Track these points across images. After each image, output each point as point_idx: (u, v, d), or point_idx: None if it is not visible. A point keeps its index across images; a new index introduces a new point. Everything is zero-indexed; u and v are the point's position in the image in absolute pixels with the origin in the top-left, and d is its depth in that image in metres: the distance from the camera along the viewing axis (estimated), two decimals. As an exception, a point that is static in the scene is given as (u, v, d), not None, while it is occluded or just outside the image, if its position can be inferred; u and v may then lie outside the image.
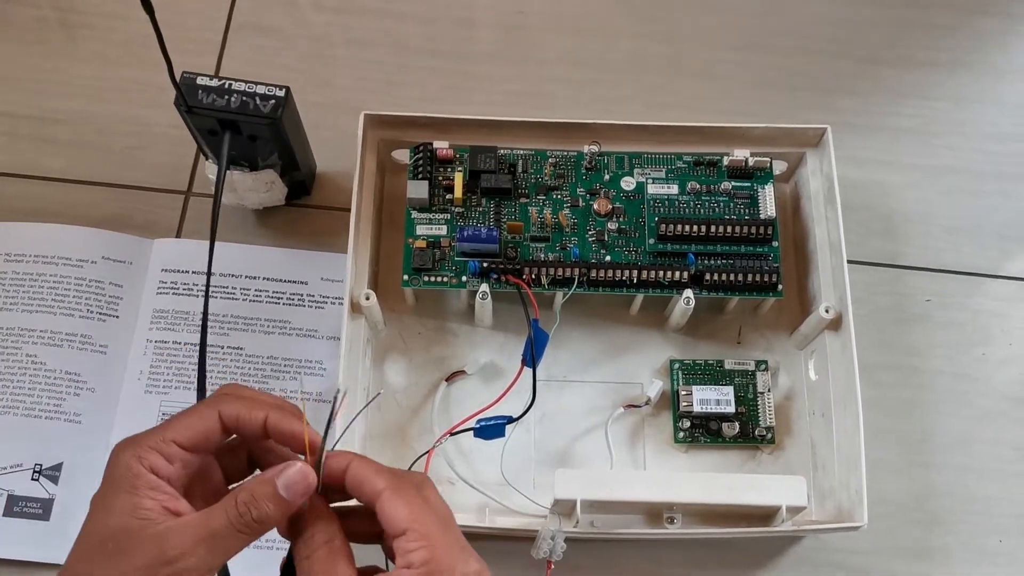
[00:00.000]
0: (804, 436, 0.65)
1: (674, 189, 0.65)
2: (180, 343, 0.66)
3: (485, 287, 0.62)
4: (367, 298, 0.61)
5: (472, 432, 0.60)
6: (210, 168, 0.65)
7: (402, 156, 0.66)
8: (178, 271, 0.68)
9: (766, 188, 0.65)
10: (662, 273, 0.62)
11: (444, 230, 0.64)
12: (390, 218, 0.68)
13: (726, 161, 0.66)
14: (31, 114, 0.73)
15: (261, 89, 0.60)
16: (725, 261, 0.64)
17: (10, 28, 0.76)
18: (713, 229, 0.63)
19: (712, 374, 0.65)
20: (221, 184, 0.60)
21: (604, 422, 0.64)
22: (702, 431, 0.64)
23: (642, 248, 0.64)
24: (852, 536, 0.60)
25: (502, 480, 0.60)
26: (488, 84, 0.76)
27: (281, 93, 0.60)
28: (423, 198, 0.64)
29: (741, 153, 0.65)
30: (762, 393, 0.65)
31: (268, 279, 0.68)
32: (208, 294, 0.57)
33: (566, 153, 0.66)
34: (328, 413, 0.42)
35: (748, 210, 0.65)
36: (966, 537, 0.64)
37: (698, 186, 0.65)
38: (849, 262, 0.63)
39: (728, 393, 0.64)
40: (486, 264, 0.62)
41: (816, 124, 0.66)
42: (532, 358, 0.60)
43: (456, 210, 0.64)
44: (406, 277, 0.63)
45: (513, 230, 0.64)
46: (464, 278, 0.63)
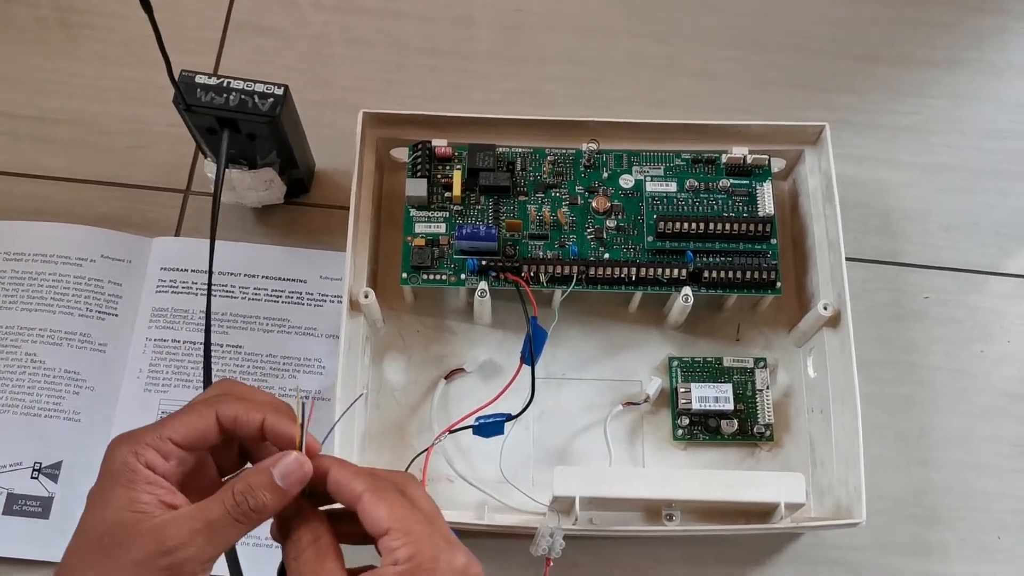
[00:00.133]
0: (803, 433, 0.65)
1: (672, 187, 0.65)
2: (179, 341, 0.66)
3: (484, 285, 0.62)
4: (366, 296, 0.61)
5: (471, 430, 0.60)
6: (209, 167, 0.65)
7: (401, 154, 0.66)
8: (177, 269, 0.68)
9: (764, 185, 0.65)
10: (661, 271, 0.63)
11: (443, 228, 0.64)
12: (389, 216, 0.68)
13: (724, 159, 0.66)
14: (31, 113, 0.73)
15: (260, 87, 0.60)
16: (724, 259, 0.64)
17: (10, 28, 0.76)
18: (712, 227, 0.63)
19: (711, 371, 0.65)
20: (220, 182, 0.60)
21: (603, 419, 0.64)
22: (701, 428, 0.64)
23: (641, 246, 0.64)
24: (851, 533, 0.61)
25: (501, 478, 0.60)
26: (487, 83, 0.76)
27: (280, 91, 0.60)
28: (422, 196, 0.64)
29: (739, 151, 0.65)
30: (761, 390, 0.65)
31: (267, 277, 0.69)
32: (210, 293, 0.57)
33: (565, 151, 0.66)
34: (303, 416, 0.41)
35: (746, 207, 0.65)
36: (965, 533, 0.64)
37: (696, 184, 0.65)
38: (847, 259, 0.63)
39: (727, 390, 0.64)
40: (485, 262, 0.62)
41: (814, 122, 0.66)
42: (531, 356, 0.60)
43: (455, 208, 0.64)
44: (405, 275, 0.63)
45: (512, 228, 0.64)
46: (463, 276, 0.63)
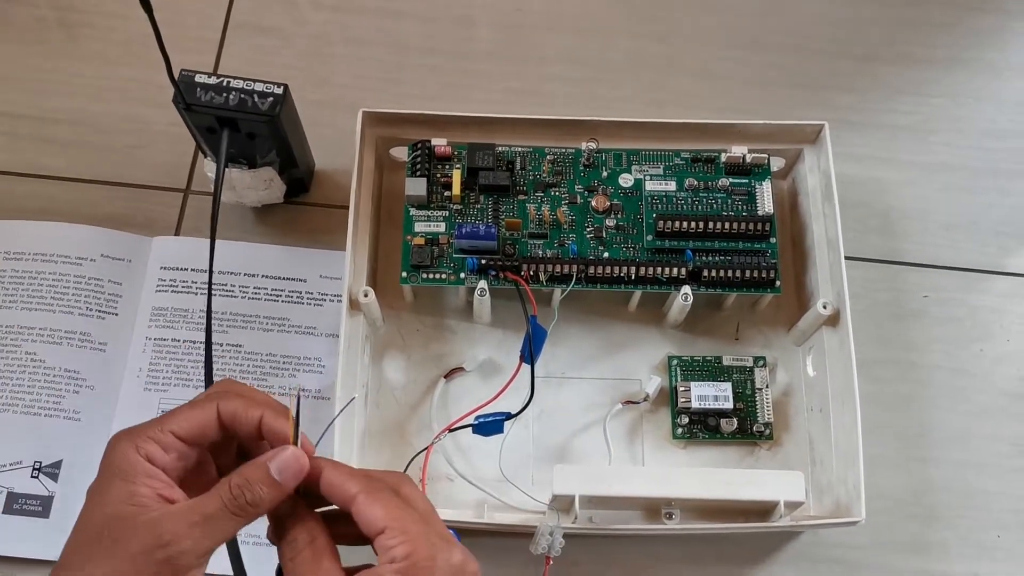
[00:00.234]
0: (802, 432, 0.65)
1: (672, 186, 0.65)
2: (179, 340, 0.66)
3: (483, 284, 0.62)
4: (366, 295, 0.61)
5: (471, 429, 0.60)
6: (209, 166, 0.65)
7: (400, 153, 0.67)
8: (177, 269, 0.68)
9: (764, 184, 0.65)
10: (660, 269, 0.63)
11: (442, 227, 0.64)
12: (389, 215, 0.68)
13: (724, 158, 0.66)
14: (31, 113, 0.73)
15: (259, 87, 0.60)
16: (723, 257, 0.64)
17: (10, 28, 0.76)
18: (711, 225, 0.63)
19: (710, 370, 0.65)
20: (220, 182, 0.60)
21: (602, 418, 0.64)
22: (700, 427, 0.64)
23: (640, 245, 0.64)
24: (850, 531, 0.61)
25: (501, 476, 0.61)
26: (487, 82, 0.76)
27: (279, 90, 0.60)
28: (421, 195, 0.64)
29: (739, 150, 0.65)
30: (760, 389, 0.65)
31: (267, 276, 0.69)
32: (210, 292, 0.57)
33: (564, 150, 0.66)
34: (297, 410, 0.41)
35: (746, 206, 0.65)
36: (964, 532, 0.64)
37: (696, 183, 0.65)
38: (847, 258, 0.63)
39: (726, 389, 0.64)
40: (484, 261, 0.62)
41: (814, 121, 0.66)
42: (530, 355, 0.60)
43: (454, 207, 0.65)
44: (404, 274, 0.63)
45: (511, 227, 0.64)
46: (462, 275, 0.63)
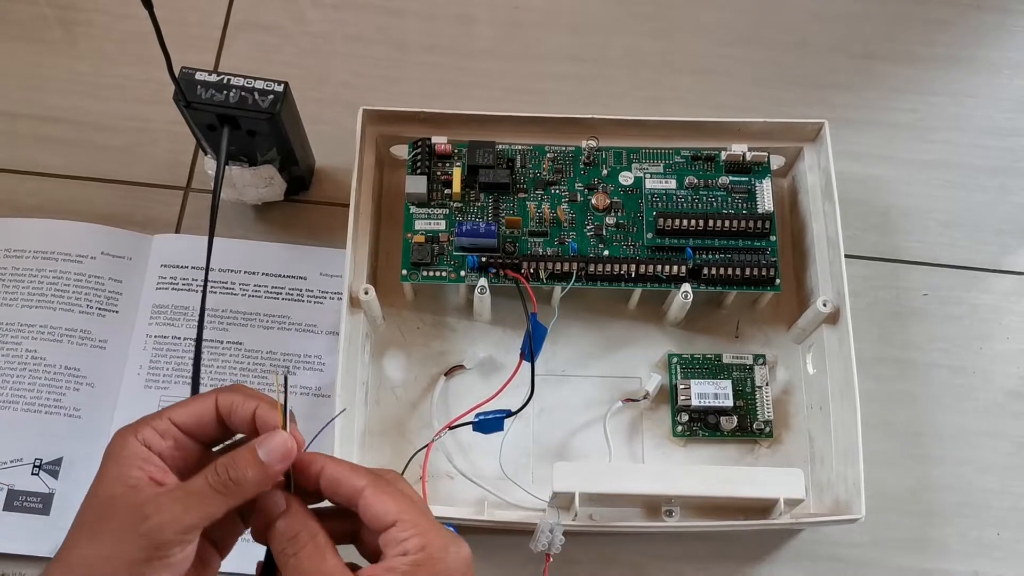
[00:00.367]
0: (802, 429, 0.65)
1: (672, 184, 0.65)
2: (179, 338, 0.66)
3: (484, 281, 0.62)
4: (366, 293, 0.61)
5: (471, 426, 0.60)
6: (209, 164, 0.65)
7: (400, 151, 0.67)
8: (177, 266, 0.68)
9: (763, 182, 0.65)
10: (660, 267, 0.63)
11: (443, 225, 0.64)
12: (389, 213, 0.68)
13: (724, 156, 0.66)
14: (31, 111, 0.73)
15: (260, 84, 0.60)
16: (723, 255, 0.64)
17: (9, 25, 0.76)
18: (711, 223, 0.63)
19: (710, 368, 0.66)
20: (220, 179, 0.60)
21: (602, 416, 0.64)
22: (700, 425, 0.64)
23: (640, 243, 0.64)
24: (850, 528, 0.61)
25: (501, 474, 0.61)
26: (486, 80, 0.76)
27: (280, 88, 0.60)
28: (421, 193, 0.64)
29: (739, 148, 0.65)
30: (760, 387, 0.65)
31: (267, 274, 0.69)
32: (206, 289, 0.57)
33: (564, 148, 0.66)
34: (285, 395, 0.42)
35: (746, 204, 0.65)
36: (964, 529, 0.64)
37: (696, 181, 0.65)
38: (847, 256, 0.63)
39: (726, 387, 0.64)
40: (485, 259, 0.62)
41: (813, 119, 0.66)
42: (531, 352, 0.60)
43: (455, 205, 0.65)
44: (405, 272, 0.63)
45: (511, 225, 0.64)
46: (463, 273, 0.63)
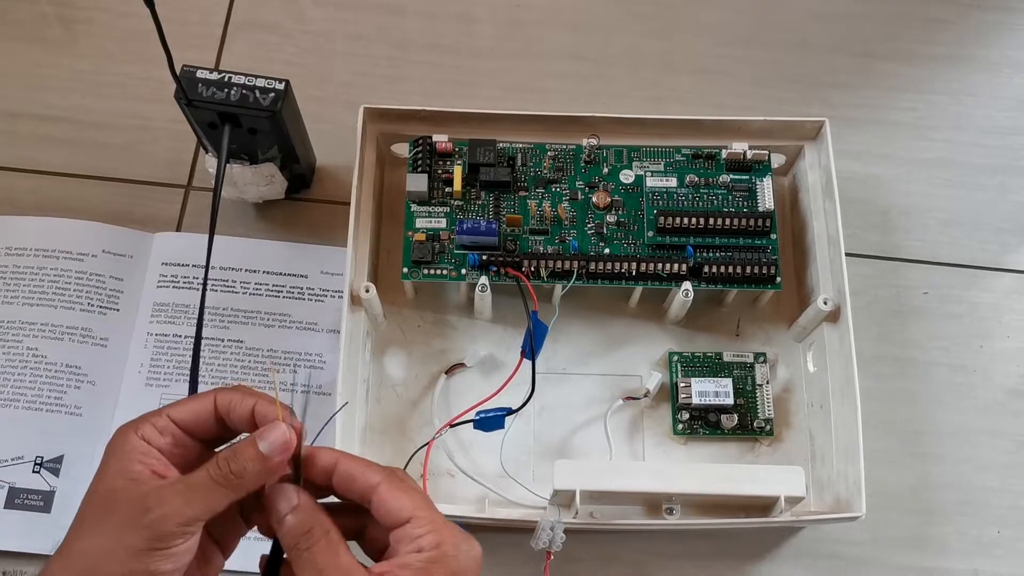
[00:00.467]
0: (802, 428, 0.65)
1: (673, 182, 0.66)
2: (180, 336, 0.66)
3: (484, 280, 0.62)
4: (367, 291, 0.61)
5: (472, 424, 0.60)
6: (210, 162, 0.65)
7: (401, 150, 0.67)
8: (178, 264, 0.68)
9: (764, 181, 0.65)
10: (661, 266, 0.63)
11: (443, 223, 0.64)
12: (390, 211, 0.69)
13: (724, 154, 0.66)
14: (31, 109, 0.73)
15: (261, 82, 0.60)
16: (723, 254, 0.64)
17: (10, 24, 0.76)
18: (712, 222, 0.63)
19: (711, 366, 0.66)
20: (221, 177, 0.60)
21: (603, 414, 0.64)
22: (701, 423, 0.64)
23: (641, 241, 0.64)
24: (850, 526, 0.61)
25: (502, 472, 0.61)
26: (487, 79, 0.76)
27: (281, 86, 0.60)
28: (422, 191, 0.64)
29: (739, 146, 0.65)
30: (760, 385, 0.65)
31: (268, 272, 0.69)
32: (205, 287, 0.57)
33: (565, 146, 0.66)
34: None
35: (746, 203, 0.65)
36: (964, 527, 0.64)
37: (696, 179, 0.65)
38: (847, 255, 0.64)
39: (727, 385, 0.64)
40: (485, 257, 0.62)
41: (814, 117, 0.66)
42: (531, 350, 0.60)
43: (455, 203, 0.65)
44: (406, 270, 0.63)
45: (512, 223, 0.64)
46: (463, 271, 0.63)
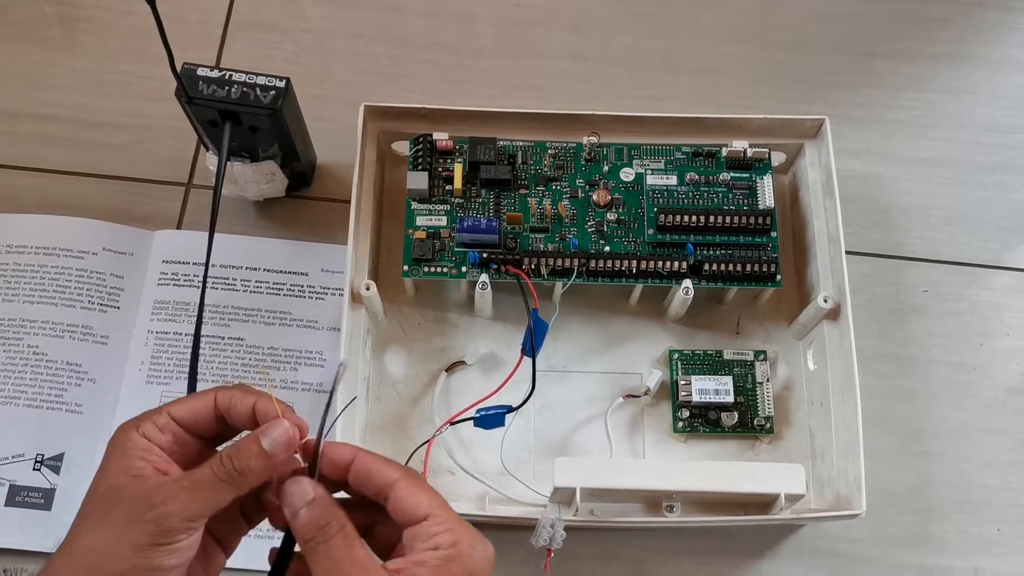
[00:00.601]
0: (803, 425, 0.65)
1: (673, 180, 0.66)
2: (181, 334, 0.66)
3: (485, 277, 0.62)
4: (367, 288, 0.61)
5: (472, 422, 0.60)
6: (211, 160, 0.65)
7: (402, 148, 0.67)
8: (179, 262, 0.68)
9: (764, 179, 0.65)
10: (661, 263, 0.63)
11: (444, 221, 0.64)
12: (390, 209, 0.69)
13: (725, 152, 0.66)
14: (32, 108, 0.73)
15: (261, 80, 0.60)
16: (724, 251, 0.64)
17: (10, 23, 0.76)
18: (712, 220, 0.63)
19: (711, 364, 0.66)
20: (221, 175, 0.60)
21: (603, 412, 0.64)
22: (701, 421, 0.64)
23: (641, 239, 0.64)
24: (850, 524, 0.61)
25: (502, 469, 0.61)
26: (487, 77, 0.76)
27: (281, 84, 0.60)
28: (423, 189, 0.64)
29: (740, 144, 0.65)
30: (761, 383, 0.65)
31: (268, 270, 0.69)
32: (205, 285, 0.57)
33: (565, 144, 0.66)
34: (328, 397, 0.42)
35: (747, 201, 0.65)
36: (964, 525, 0.64)
37: (697, 177, 0.65)
38: (847, 253, 0.63)
39: (727, 383, 0.64)
40: (486, 254, 0.62)
41: (814, 116, 0.66)
42: (532, 348, 0.60)
43: (456, 201, 0.65)
44: (406, 268, 0.63)
45: (513, 221, 0.64)
46: (464, 268, 0.63)
